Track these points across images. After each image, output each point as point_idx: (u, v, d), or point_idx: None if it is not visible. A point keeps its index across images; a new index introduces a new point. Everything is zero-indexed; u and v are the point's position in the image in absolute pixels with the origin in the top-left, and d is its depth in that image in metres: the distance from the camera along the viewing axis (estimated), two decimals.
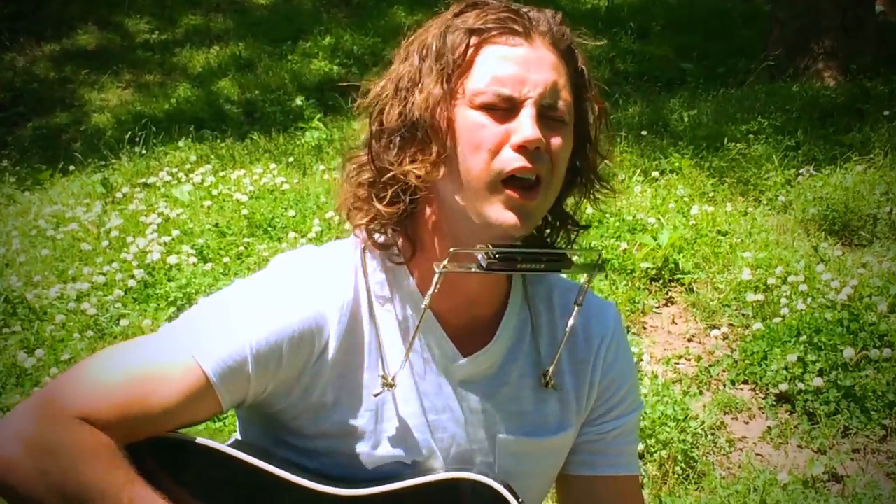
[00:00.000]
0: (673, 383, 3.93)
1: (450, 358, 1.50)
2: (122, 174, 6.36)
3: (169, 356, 1.38)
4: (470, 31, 1.41)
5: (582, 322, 1.57)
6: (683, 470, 3.51)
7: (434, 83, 1.40)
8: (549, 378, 1.53)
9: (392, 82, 1.45)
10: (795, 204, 5.35)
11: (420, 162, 1.40)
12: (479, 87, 1.39)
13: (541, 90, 1.40)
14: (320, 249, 1.53)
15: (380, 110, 1.45)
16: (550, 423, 1.55)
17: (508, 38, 1.41)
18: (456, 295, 1.47)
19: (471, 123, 1.39)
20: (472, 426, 1.51)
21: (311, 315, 1.43)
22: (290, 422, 1.47)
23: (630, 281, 4.58)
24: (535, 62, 1.40)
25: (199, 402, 1.38)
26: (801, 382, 3.80)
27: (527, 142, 1.37)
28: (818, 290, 4.31)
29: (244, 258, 4.89)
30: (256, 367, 1.39)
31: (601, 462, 1.60)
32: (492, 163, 1.38)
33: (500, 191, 1.39)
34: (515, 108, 1.39)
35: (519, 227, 1.40)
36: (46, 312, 4.44)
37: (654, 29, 9.48)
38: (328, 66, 9.11)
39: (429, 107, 1.39)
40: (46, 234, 5.35)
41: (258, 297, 1.44)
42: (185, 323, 1.44)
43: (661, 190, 5.53)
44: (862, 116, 6.44)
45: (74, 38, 10.23)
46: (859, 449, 3.61)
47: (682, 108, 6.93)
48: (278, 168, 6.13)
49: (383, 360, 1.46)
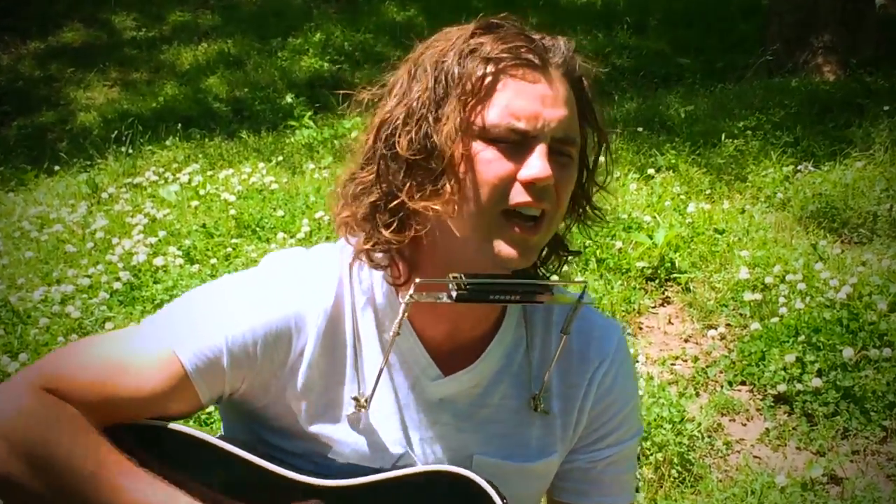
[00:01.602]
0: (669, 385, 3.93)
1: (429, 376, 1.49)
2: (108, 174, 6.35)
3: (147, 344, 1.41)
4: (487, 60, 1.38)
5: (579, 345, 1.55)
6: (680, 473, 3.51)
7: (456, 112, 1.37)
8: (539, 401, 1.52)
9: (403, 103, 1.40)
10: (794, 201, 5.35)
11: (435, 198, 1.37)
12: (494, 120, 1.37)
13: (554, 125, 1.38)
14: (308, 252, 1.53)
15: (391, 133, 1.41)
16: (532, 447, 1.54)
17: (526, 71, 1.38)
18: (440, 316, 1.47)
19: (482, 157, 1.37)
20: (449, 445, 1.51)
21: (290, 314, 1.43)
22: (270, 421, 1.48)
23: (625, 280, 4.58)
24: (550, 98, 1.39)
25: (175, 393, 1.40)
26: (800, 383, 3.80)
27: (537, 179, 1.36)
28: (817, 288, 4.31)
29: (232, 259, 4.89)
30: (231, 362, 1.41)
31: (593, 492, 1.60)
32: (497, 197, 1.37)
33: (502, 225, 1.38)
34: (527, 144, 1.37)
35: (520, 261, 1.39)
36: (30, 315, 4.42)
37: (650, 23, 9.48)
38: (318, 62, 9.11)
39: (450, 138, 1.36)
40: (30, 236, 5.34)
41: (239, 292, 1.45)
42: (166, 314, 1.46)
43: (657, 187, 5.53)
44: (862, 112, 6.45)
45: (60, 35, 10.22)
46: (859, 450, 3.61)
47: (679, 104, 6.94)
48: (267, 167, 6.12)
49: (361, 379, 1.47)
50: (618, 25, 9.27)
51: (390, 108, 1.42)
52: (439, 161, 1.37)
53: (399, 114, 1.40)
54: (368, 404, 1.46)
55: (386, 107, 1.43)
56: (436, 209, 1.38)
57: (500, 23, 1.43)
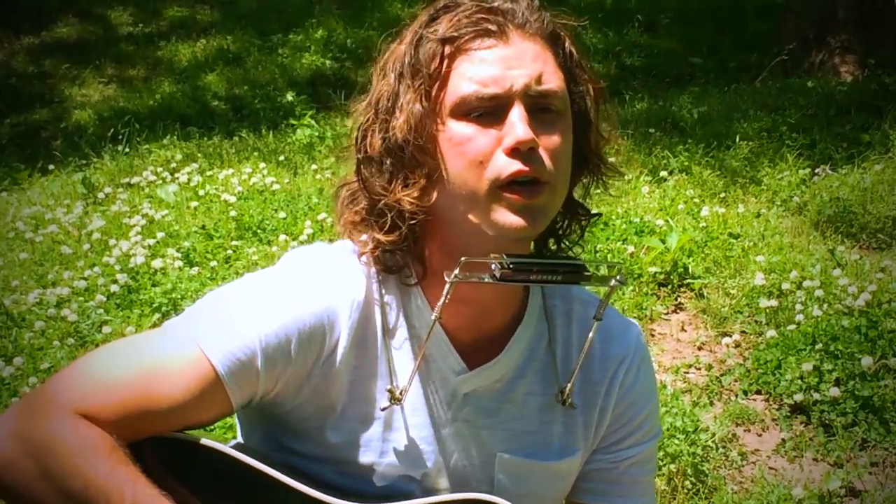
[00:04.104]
0: (682, 393, 3.93)
1: (455, 371, 1.50)
2: (104, 174, 6.36)
3: (174, 349, 1.39)
4: (443, 41, 1.40)
5: (600, 342, 1.56)
6: (693, 484, 3.51)
7: (413, 101, 1.39)
8: (568, 395, 1.53)
9: (371, 105, 1.45)
10: (811, 205, 5.36)
11: (411, 187, 1.40)
12: (462, 93, 1.39)
13: (525, 81, 1.38)
14: (332, 246, 1.54)
15: (363, 136, 1.45)
16: (554, 445, 1.55)
17: (483, 40, 1.40)
18: (467, 305, 1.47)
19: (458, 136, 1.39)
20: (473, 441, 1.52)
21: (322, 310, 1.43)
22: (297, 425, 1.48)
23: (637, 286, 4.59)
24: (514, 58, 1.40)
25: (206, 399, 1.39)
26: (817, 392, 3.80)
27: (519, 143, 1.36)
28: (835, 295, 4.32)
29: (232, 262, 4.90)
30: (266, 362, 1.40)
31: (615, 492, 1.61)
32: (486, 173, 1.38)
33: (500, 198, 1.38)
34: (504, 109, 1.38)
35: (529, 228, 1.39)
36: (25, 319, 4.43)
37: (662, 22, 9.50)
38: (320, 60, 9.12)
39: (411, 127, 1.39)
40: (25, 237, 5.35)
41: (268, 290, 1.45)
42: (191, 316, 1.45)
43: (670, 190, 5.54)
44: (880, 113, 6.45)
45: (54, 30, 10.24)
46: (878, 462, 3.62)
47: (692, 105, 6.94)
48: (268, 167, 6.13)
49: (392, 372, 1.47)
50: (629, 24, 9.28)
51: (361, 113, 1.46)
52: (408, 152, 1.40)
53: (368, 116, 1.45)
54: (403, 397, 1.46)
55: (359, 111, 1.47)
56: (412, 201, 1.40)
57: (456, 1, 1.44)
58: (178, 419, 1.39)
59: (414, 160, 1.40)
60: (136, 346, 1.43)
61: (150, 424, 1.38)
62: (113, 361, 1.40)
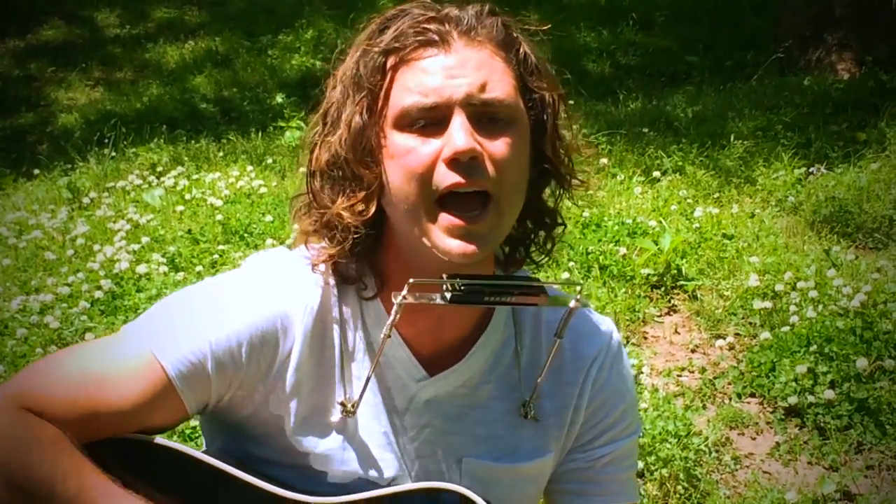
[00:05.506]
0: (675, 397, 3.93)
1: (415, 378, 1.51)
2: (89, 178, 6.35)
3: (127, 353, 1.41)
4: (385, 52, 1.41)
5: (572, 342, 1.56)
6: (686, 489, 3.52)
7: (355, 114, 1.40)
8: (529, 408, 1.54)
9: (320, 118, 1.47)
10: (806, 205, 5.37)
11: (350, 200, 1.41)
12: (402, 105, 1.38)
13: (466, 90, 1.37)
14: (291, 252, 1.54)
15: (311, 150, 1.47)
16: (524, 448, 1.55)
17: (426, 49, 1.40)
18: (424, 316, 1.48)
19: (399, 148, 1.39)
20: (438, 447, 1.53)
21: (275, 315, 1.44)
22: (256, 430, 1.49)
23: (630, 288, 4.59)
24: (456, 66, 1.39)
25: (159, 403, 1.41)
26: (812, 395, 3.80)
27: (457, 153, 1.35)
28: (829, 296, 4.32)
29: (219, 267, 4.89)
30: (216, 367, 1.41)
31: (592, 491, 1.61)
32: (424, 185, 1.37)
33: (436, 217, 1.37)
34: (446, 120, 1.37)
35: (469, 255, 1.38)
36: (7, 326, 4.43)
37: (657, 20, 9.51)
38: (310, 61, 9.12)
39: (352, 141, 1.40)
40: (8, 243, 5.34)
41: (222, 294, 1.47)
42: (145, 320, 1.47)
43: (663, 191, 5.54)
44: (877, 111, 6.46)
45: (40, 32, 10.23)
46: (873, 465, 3.62)
47: (686, 104, 6.95)
48: (256, 171, 6.13)
49: (346, 382, 1.48)
50: (623, 22, 9.28)
51: (311, 127, 1.49)
52: (350, 165, 1.41)
53: (316, 129, 1.47)
54: (356, 409, 1.47)
55: (311, 124, 1.49)
56: (351, 212, 1.40)
57: (405, 9, 1.45)
58: (131, 422, 1.41)
59: (354, 174, 1.41)
60: (93, 349, 1.46)
61: (103, 425, 1.39)
62: (68, 361, 1.43)
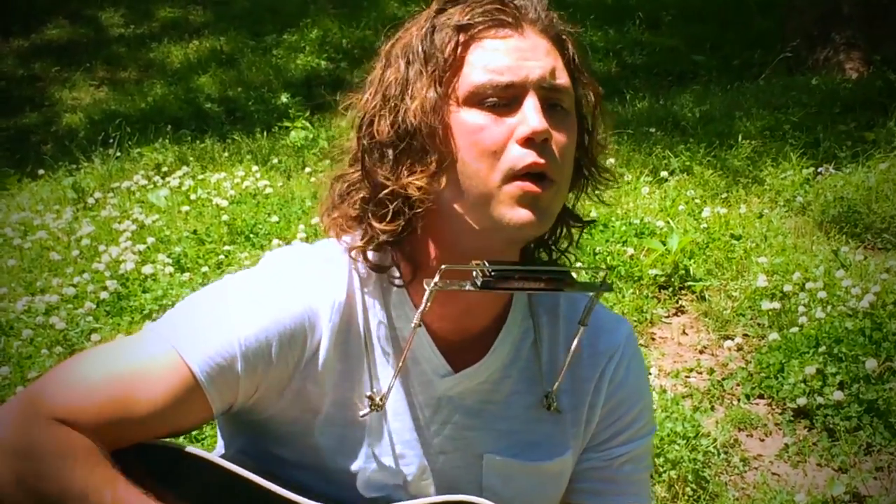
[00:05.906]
0: (683, 398, 3.93)
1: (440, 373, 1.50)
2: (94, 178, 6.36)
3: (152, 355, 1.39)
4: (458, 28, 1.41)
5: (588, 338, 1.56)
6: (694, 491, 3.51)
7: (426, 87, 1.40)
8: (552, 399, 1.53)
9: (379, 92, 1.45)
10: (814, 205, 5.36)
11: (419, 173, 1.40)
12: (476, 81, 1.39)
13: (540, 73, 1.40)
14: (313, 247, 1.54)
15: (369, 123, 1.44)
16: (543, 446, 1.55)
17: (498, 30, 1.42)
18: (451, 306, 1.47)
19: (470, 125, 1.39)
20: (459, 443, 1.52)
21: (303, 311, 1.43)
22: (280, 430, 1.48)
23: (637, 289, 4.59)
24: (529, 50, 1.41)
25: (186, 405, 1.39)
26: (821, 396, 3.80)
27: (534, 133, 1.37)
28: (838, 297, 4.32)
29: (224, 267, 4.90)
30: (246, 366, 1.40)
31: (610, 491, 1.60)
32: (498, 164, 1.38)
33: (508, 189, 1.38)
34: (517, 100, 1.39)
35: (535, 224, 1.39)
36: (13, 327, 4.44)
37: (664, 19, 9.50)
38: (315, 60, 9.13)
39: (424, 113, 1.39)
40: (13, 243, 5.35)
41: (247, 292, 1.45)
42: (170, 320, 1.45)
43: (671, 191, 5.54)
44: (886, 111, 6.44)
45: (44, 32, 10.26)
46: (883, 467, 3.61)
47: (694, 103, 6.95)
48: (261, 171, 6.14)
49: (374, 376, 1.47)
50: (630, 21, 9.27)
51: (366, 101, 1.46)
52: (419, 139, 1.40)
53: (375, 103, 1.44)
54: (384, 403, 1.46)
55: (363, 101, 1.47)
56: (421, 185, 1.39)
57: None
58: (158, 426, 1.39)
59: (423, 148, 1.40)
60: (116, 352, 1.43)
61: (131, 431, 1.38)
62: (92, 367, 1.40)
